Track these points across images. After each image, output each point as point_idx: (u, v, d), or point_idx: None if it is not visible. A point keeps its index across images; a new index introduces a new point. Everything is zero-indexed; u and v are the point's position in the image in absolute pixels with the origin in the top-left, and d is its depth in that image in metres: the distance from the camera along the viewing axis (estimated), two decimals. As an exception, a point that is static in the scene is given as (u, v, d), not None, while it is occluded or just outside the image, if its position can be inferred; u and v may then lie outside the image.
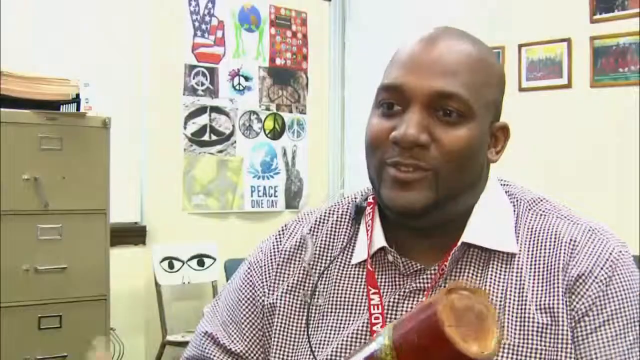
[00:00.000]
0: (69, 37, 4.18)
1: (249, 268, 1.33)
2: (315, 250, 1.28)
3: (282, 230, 1.34)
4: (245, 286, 1.31)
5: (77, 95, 3.54)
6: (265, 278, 1.29)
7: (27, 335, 3.34)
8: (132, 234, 4.39)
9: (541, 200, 1.28)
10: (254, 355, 1.27)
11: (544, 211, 1.26)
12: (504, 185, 1.30)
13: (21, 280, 3.32)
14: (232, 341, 1.28)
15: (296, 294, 1.27)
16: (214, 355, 1.29)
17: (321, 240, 1.29)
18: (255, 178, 4.91)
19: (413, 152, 1.15)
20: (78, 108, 3.53)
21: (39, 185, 3.36)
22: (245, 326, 1.28)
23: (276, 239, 1.33)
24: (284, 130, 5.07)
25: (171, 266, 4.33)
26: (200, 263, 4.40)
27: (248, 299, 1.30)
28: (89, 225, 3.51)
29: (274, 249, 1.32)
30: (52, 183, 3.39)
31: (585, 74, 4.17)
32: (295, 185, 5.10)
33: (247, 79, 4.89)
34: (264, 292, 1.28)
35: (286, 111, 5.08)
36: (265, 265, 1.31)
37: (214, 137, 4.74)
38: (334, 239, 1.29)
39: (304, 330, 1.24)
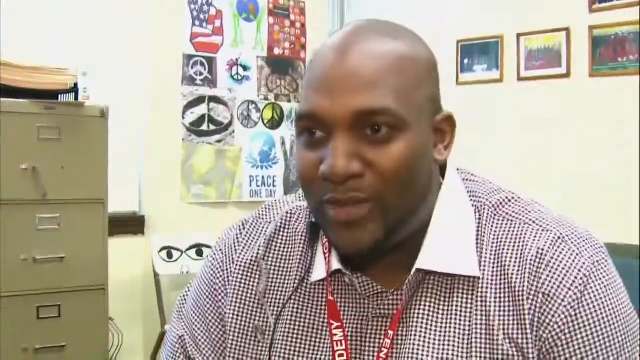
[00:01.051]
0: (67, 27, 4.17)
1: (211, 269, 1.25)
2: (270, 272, 1.20)
3: (239, 234, 1.25)
4: (209, 289, 1.24)
5: (75, 85, 3.54)
6: (223, 285, 1.22)
7: (26, 324, 3.34)
8: (130, 224, 4.39)
9: (508, 201, 1.14)
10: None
11: (510, 215, 1.12)
12: (466, 180, 1.17)
13: (20, 270, 3.32)
14: (199, 348, 1.22)
15: (250, 317, 1.19)
16: None
17: (276, 260, 1.20)
18: (253, 168, 4.91)
19: (348, 184, 1.01)
20: (76, 97, 3.53)
21: (38, 175, 3.35)
22: (210, 331, 1.22)
23: (234, 244, 1.24)
24: (283, 119, 5.06)
25: (170, 256, 4.33)
26: (199, 253, 4.39)
27: (211, 303, 1.23)
28: (87, 215, 3.50)
29: (230, 257, 1.23)
30: (50, 173, 3.38)
31: (584, 64, 4.16)
32: (294, 175, 5.10)
33: (245, 68, 4.88)
34: (223, 299, 1.21)
35: (285, 101, 5.07)
36: (224, 271, 1.23)
37: (212, 127, 4.73)
38: (289, 260, 1.20)
39: (259, 356, 1.17)
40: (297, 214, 1.23)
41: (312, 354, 1.14)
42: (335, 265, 1.13)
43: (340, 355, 1.10)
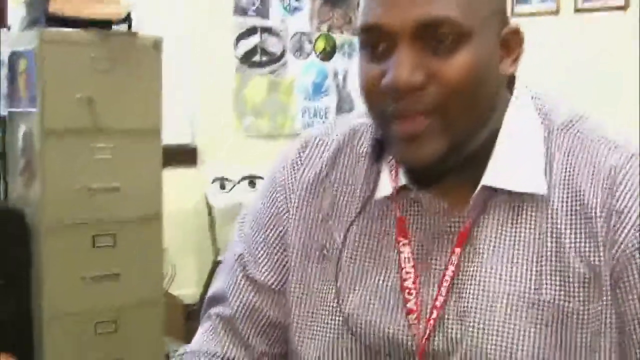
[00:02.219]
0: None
1: (272, 187, 1.22)
2: (335, 190, 1.17)
3: (302, 152, 1.22)
4: (270, 208, 1.21)
5: (129, 15, 3.51)
6: (285, 204, 1.20)
7: (82, 253, 3.38)
8: (183, 155, 4.40)
9: (579, 119, 1.11)
10: (278, 282, 1.19)
11: (581, 133, 1.09)
12: (536, 98, 1.13)
13: (75, 200, 3.36)
14: (258, 267, 1.20)
15: (314, 237, 1.17)
16: (243, 288, 1.21)
17: (340, 178, 1.18)
18: (306, 99, 4.88)
19: (411, 96, 0.99)
20: (130, 28, 3.51)
21: (92, 104, 3.36)
22: (270, 250, 1.20)
23: (297, 162, 1.21)
24: (335, 51, 5.01)
25: (222, 187, 4.35)
26: (252, 184, 4.40)
27: (272, 222, 1.20)
28: (141, 145, 3.51)
29: (293, 175, 1.20)
30: (105, 103, 3.38)
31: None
32: (347, 106, 5.06)
33: (297, -1, 4.83)
34: (285, 218, 1.19)
35: (337, 32, 5.02)
36: (286, 189, 1.20)
37: (264, 58, 4.70)
38: (354, 177, 1.17)
39: (326, 278, 1.15)
40: (360, 130, 1.20)
41: (379, 272, 1.12)
42: (402, 181, 1.11)
43: (407, 273, 1.09)
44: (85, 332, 3.38)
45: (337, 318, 1.13)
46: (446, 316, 1.07)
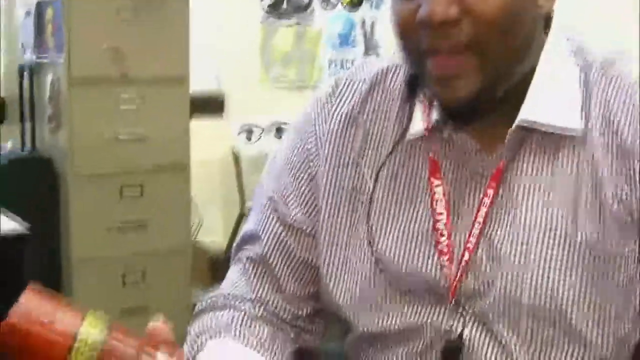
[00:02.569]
0: None
1: (303, 126, 1.21)
2: (366, 129, 1.15)
3: (333, 92, 1.19)
4: (300, 148, 1.20)
5: (155, -37, 3.50)
6: (316, 144, 1.18)
7: (109, 203, 3.41)
8: (210, 105, 4.39)
9: (617, 60, 1.08)
10: (308, 223, 1.18)
11: (619, 73, 1.07)
12: (571, 39, 1.10)
13: (102, 149, 3.37)
14: (289, 208, 1.18)
15: (345, 177, 1.15)
16: (274, 230, 1.20)
17: (372, 117, 1.15)
18: (333, 50, 4.85)
19: (445, 31, 0.97)
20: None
21: (119, 53, 3.36)
22: (301, 190, 1.18)
23: (328, 102, 1.19)
24: (362, 1, 4.96)
25: (249, 137, 4.35)
26: (278, 134, 4.40)
27: (302, 162, 1.19)
28: (168, 93, 3.51)
29: (323, 114, 1.19)
30: (131, 52, 3.38)
31: None
32: (375, 56, 5.02)
33: (325, -53, 4.77)
34: (315, 158, 1.18)
35: (365, -18, 4.97)
36: (316, 129, 1.18)
37: (291, 9, 4.67)
38: (385, 117, 1.15)
39: (357, 218, 1.14)
40: (392, 70, 1.17)
41: (411, 213, 1.11)
42: (435, 121, 1.09)
43: (440, 214, 1.08)
44: (113, 280, 3.42)
45: (368, 259, 1.12)
46: (478, 258, 1.06)
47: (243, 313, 1.17)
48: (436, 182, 1.09)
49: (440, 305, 1.08)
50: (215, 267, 4.03)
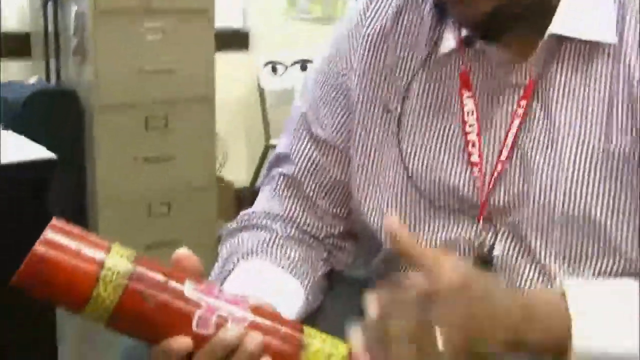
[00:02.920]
0: None
1: (336, 42, 1.20)
2: (398, 44, 1.14)
3: (366, 7, 1.18)
4: (333, 63, 1.19)
5: None
6: (348, 59, 1.17)
7: (134, 136, 3.41)
8: (235, 39, 4.36)
9: None
10: (340, 140, 1.18)
11: None
12: None
13: (127, 81, 3.36)
14: (322, 124, 1.19)
15: (377, 91, 1.15)
16: (307, 146, 1.20)
17: (403, 32, 1.14)
18: (360, -17, 4.78)
19: None
20: None
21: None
22: (333, 107, 1.18)
23: (360, 17, 1.17)
24: None
25: (274, 71, 4.32)
26: (303, 68, 4.36)
27: (335, 77, 1.19)
28: (193, 26, 3.48)
29: (356, 30, 1.18)
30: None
31: None
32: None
33: None
34: (348, 72, 1.17)
35: None
36: (349, 44, 1.18)
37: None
38: (417, 32, 1.14)
39: (389, 133, 1.14)
40: None
41: (443, 126, 1.10)
42: (466, 33, 1.08)
43: (471, 127, 1.07)
44: (139, 213, 3.43)
45: (399, 175, 1.12)
46: (511, 170, 1.05)
47: (274, 233, 1.17)
48: (467, 93, 1.08)
49: (472, 219, 1.08)
50: (240, 202, 4.04)
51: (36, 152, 1.73)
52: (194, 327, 0.86)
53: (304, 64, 4.37)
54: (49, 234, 0.85)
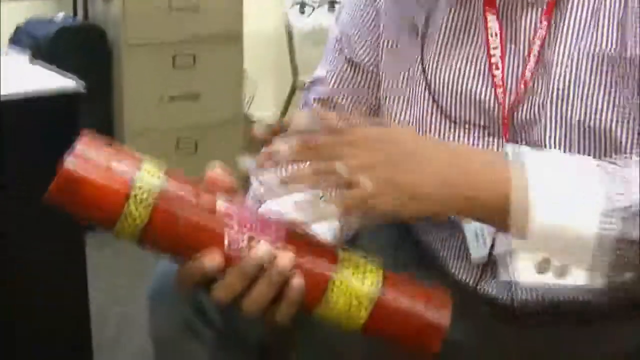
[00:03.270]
0: None
1: None
2: None
3: None
4: None
5: None
6: None
7: (161, 73, 3.40)
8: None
9: None
10: (372, 60, 1.19)
11: None
12: None
13: (155, 18, 3.35)
14: (355, 47, 1.20)
15: (404, 10, 1.16)
16: (342, 69, 1.22)
17: None
18: None
19: None
20: None
21: None
22: (364, 29, 1.20)
23: None
24: None
25: (302, 10, 4.28)
26: (332, 7, 4.32)
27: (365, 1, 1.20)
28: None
29: None
30: None
31: None
32: None
33: None
34: None
35: None
36: None
37: None
38: None
39: (413, 50, 1.14)
40: None
41: (466, 44, 1.11)
42: None
43: (494, 48, 1.08)
44: (166, 150, 3.44)
45: (423, 93, 1.13)
46: (533, 87, 1.06)
47: None
48: (490, 10, 1.08)
49: (495, 136, 1.09)
50: (267, 140, 4.02)
51: (65, 83, 1.72)
52: (225, 245, 0.85)
53: (331, 4, 4.33)
54: (78, 149, 0.84)
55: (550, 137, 1.05)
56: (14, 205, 1.64)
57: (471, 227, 1.10)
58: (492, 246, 1.08)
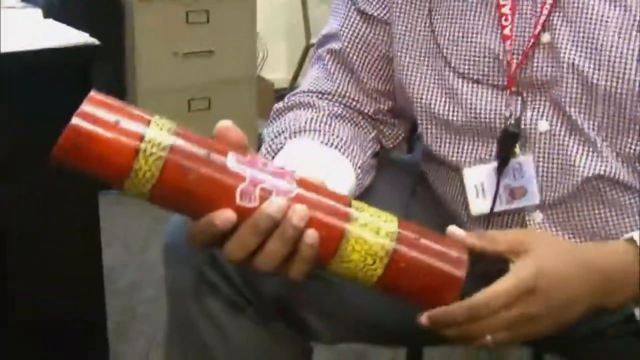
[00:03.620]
0: None
1: None
2: None
3: None
4: None
5: None
6: None
7: (175, 29, 3.39)
8: None
9: None
10: (385, 15, 1.16)
11: None
12: None
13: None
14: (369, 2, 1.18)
15: None
16: (354, 22, 1.19)
17: None
18: None
19: None
20: None
21: None
22: None
23: None
24: None
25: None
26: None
27: None
28: None
29: None
30: None
31: None
32: None
33: None
34: None
35: None
36: None
37: None
38: None
39: (422, 5, 1.12)
40: None
41: (475, 14, 1.08)
42: None
43: (506, 19, 1.05)
44: (179, 107, 3.43)
45: (431, 46, 1.11)
46: (545, 43, 1.03)
47: (323, 111, 1.16)
48: None
49: (503, 93, 1.06)
50: (279, 101, 4.01)
51: (78, 37, 1.71)
52: (237, 200, 0.84)
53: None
54: (86, 106, 0.82)
55: (572, 98, 1.02)
56: (25, 164, 1.63)
57: (471, 182, 1.09)
58: (494, 202, 1.07)
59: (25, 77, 1.65)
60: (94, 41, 1.68)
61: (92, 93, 0.84)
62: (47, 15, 2.06)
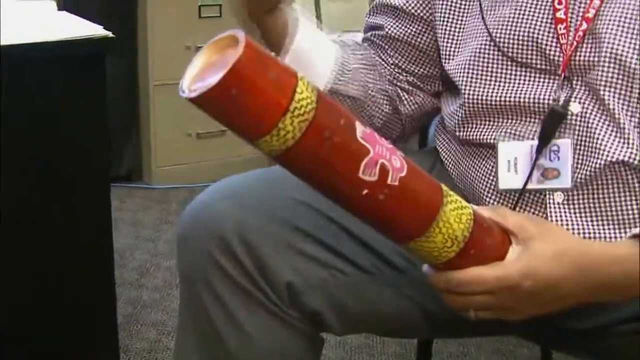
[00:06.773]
0: None
1: None
2: None
3: None
4: None
5: None
6: None
7: (187, 24, 3.38)
8: None
9: None
10: (427, 11, 1.20)
11: None
12: None
13: None
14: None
15: None
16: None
17: None
18: None
19: None
20: None
21: None
22: None
23: None
24: None
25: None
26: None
27: None
28: None
29: None
30: None
31: None
32: None
33: None
34: None
35: None
36: None
37: None
38: None
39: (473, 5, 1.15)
40: None
41: None
42: None
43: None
44: (190, 106, 3.43)
45: (481, 30, 1.12)
46: (596, 27, 1.04)
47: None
48: None
49: (552, 76, 1.07)
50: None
51: (92, 29, 1.72)
52: (359, 172, 0.83)
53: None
54: (244, 51, 0.76)
55: (608, 82, 1.03)
56: (40, 152, 1.64)
57: (504, 157, 1.10)
58: (527, 181, 1.08)
59: (39, 68, 1.66)
60: (108, 33, 1.68)
61: (248, 39, 0.78)
62: (61, 7, 2.06)
